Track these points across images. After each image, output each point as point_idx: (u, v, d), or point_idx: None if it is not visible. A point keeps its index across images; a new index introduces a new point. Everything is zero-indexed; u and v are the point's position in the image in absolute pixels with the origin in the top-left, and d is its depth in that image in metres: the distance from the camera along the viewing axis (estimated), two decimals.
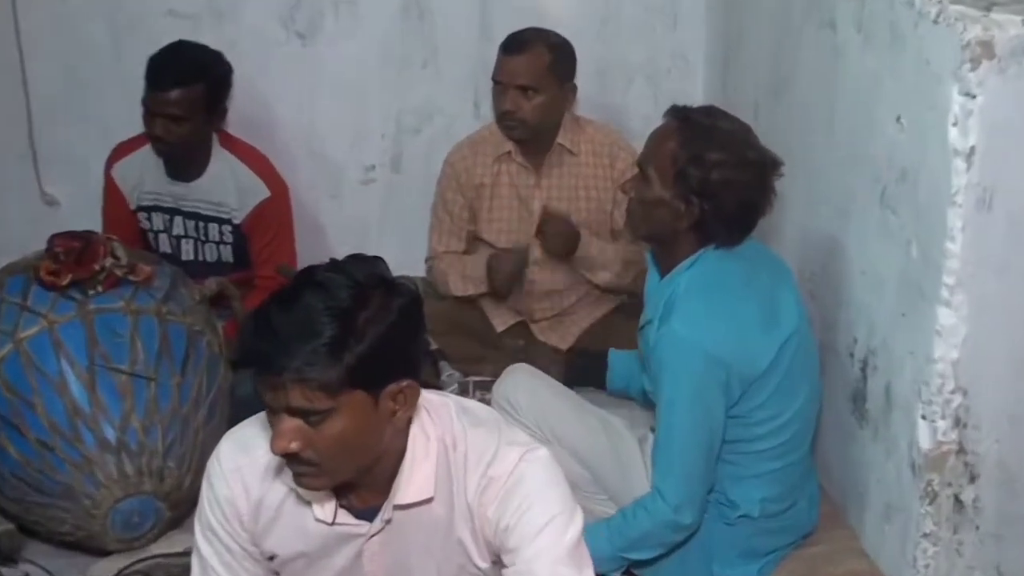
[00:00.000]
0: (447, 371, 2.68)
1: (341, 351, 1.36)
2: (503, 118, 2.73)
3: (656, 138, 2.07)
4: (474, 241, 2.92)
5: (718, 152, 1.97)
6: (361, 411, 1.41)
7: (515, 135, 2.75)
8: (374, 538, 1.54)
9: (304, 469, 1.43)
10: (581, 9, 3.17)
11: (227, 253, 2.95)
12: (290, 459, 1.42)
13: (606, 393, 2.50)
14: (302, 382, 1.35)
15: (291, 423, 1.39)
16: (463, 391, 2.57)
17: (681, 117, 2.04)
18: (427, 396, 1.51)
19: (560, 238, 2.74)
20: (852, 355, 2.30)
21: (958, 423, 1.98)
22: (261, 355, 1.37)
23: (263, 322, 1.38)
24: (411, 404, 1.45)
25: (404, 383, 1.43)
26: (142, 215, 2.94)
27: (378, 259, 1.46)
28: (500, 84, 2.72)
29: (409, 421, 1.47)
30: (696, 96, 3.14)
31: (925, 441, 2.00)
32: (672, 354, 1.99)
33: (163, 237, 2.95)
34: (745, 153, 2.01)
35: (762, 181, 2.02)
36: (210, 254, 2.95)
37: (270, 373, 1.36)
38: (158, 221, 2.94)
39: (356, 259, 1.45)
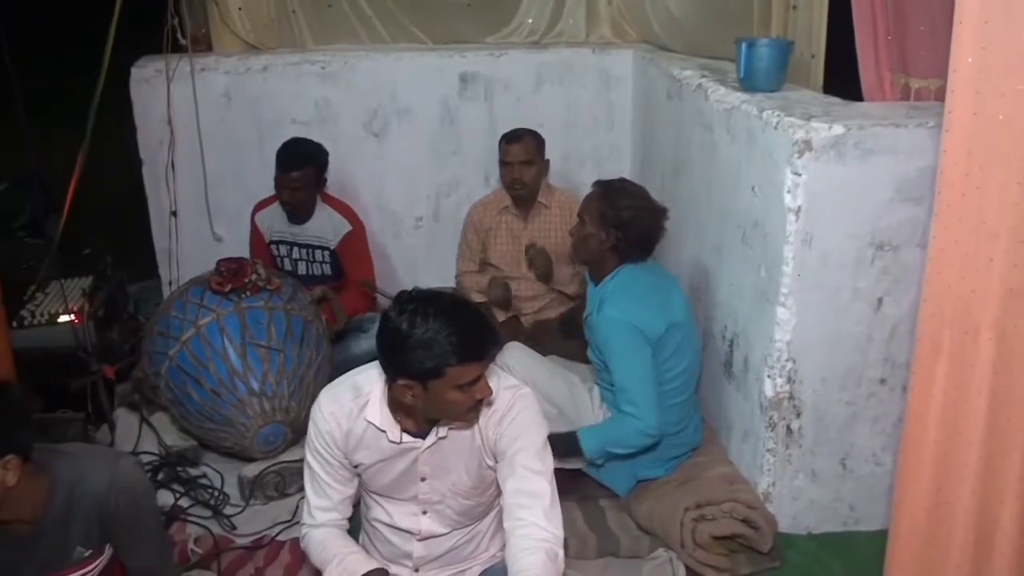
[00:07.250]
0: None
1: None
2: (512, 184, 2.83)
3: (588, 199, 2.23)
4: (484, 265, 3.03)
5: (625, 200, 2.14)
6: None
7: (520, 194, 2.87)
8: (427, 450, 1.58)
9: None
10: (551, 116, 3.25)
11: (327, 270, 3.01)
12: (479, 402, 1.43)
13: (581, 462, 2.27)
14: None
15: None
16: None
17: (603, 185, 2.20)
18: None
19: (543, 269, 2.85)
20: (724, 337, 2.40)
21: (790, 380, 2.10)
22: (488, 346, 1.45)
23: (484, 323, 1.43)
24: None
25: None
26: (274, 247, 3.03)
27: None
28: (508, 164, 2.84)
29: None
30: (626, 173, 3.23)
31: (768, 391, 2.13)
32: (612, 330, 2.09)
33: (287, 261, 3.04)
34: (642, 202, 2.16)
35: (656, 218, 2.16)
36: (316, 271, 3.02)
37: (486, 357, 1.45)
38: (284, 250, 3.03)
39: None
